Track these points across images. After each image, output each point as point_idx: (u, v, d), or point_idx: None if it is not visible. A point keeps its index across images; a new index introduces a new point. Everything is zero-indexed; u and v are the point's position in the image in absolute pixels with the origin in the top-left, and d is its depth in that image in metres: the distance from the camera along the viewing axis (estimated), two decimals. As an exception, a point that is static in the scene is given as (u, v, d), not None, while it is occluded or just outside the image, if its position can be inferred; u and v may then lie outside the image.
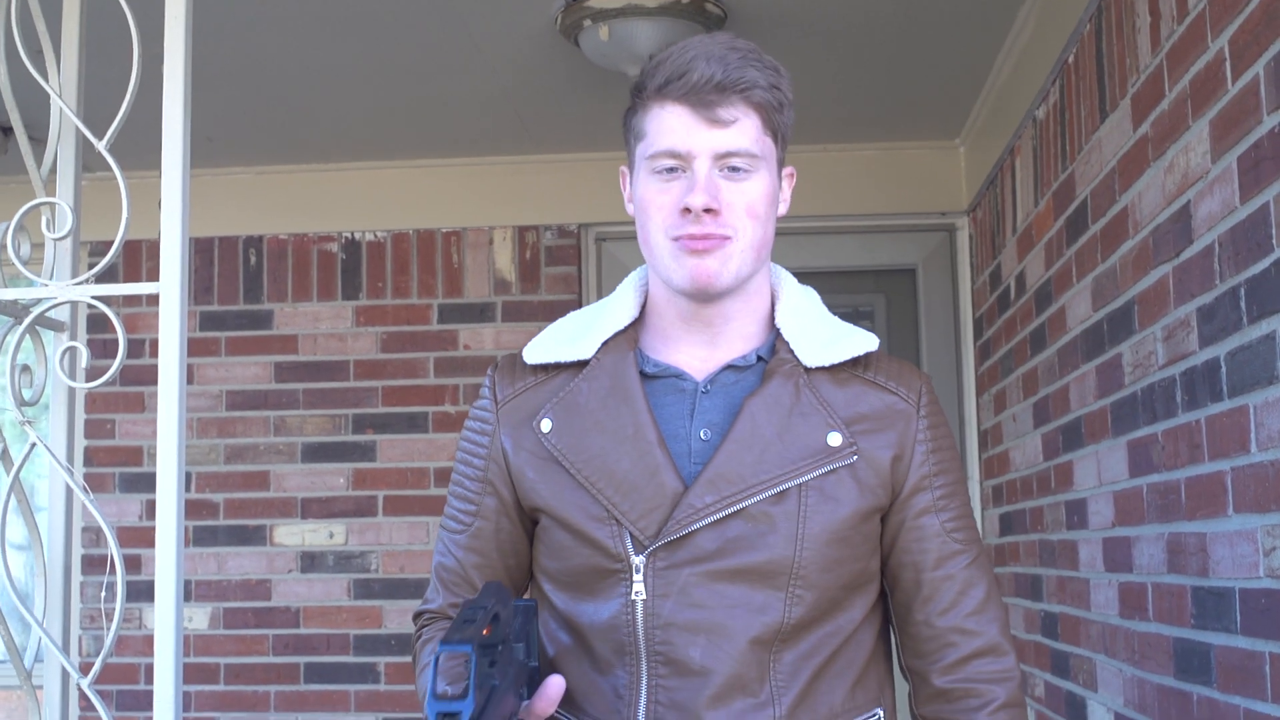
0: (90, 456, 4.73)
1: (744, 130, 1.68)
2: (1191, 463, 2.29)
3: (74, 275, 2.24)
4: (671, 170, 1.69)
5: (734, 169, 1.68)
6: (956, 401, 4.64)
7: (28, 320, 2.17)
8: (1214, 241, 2.18)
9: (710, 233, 1.67)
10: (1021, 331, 3.71)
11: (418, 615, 1.88)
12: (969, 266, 4.63)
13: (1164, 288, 2.44)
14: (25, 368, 2.23)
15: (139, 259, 4.71)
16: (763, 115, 1.70)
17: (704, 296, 1.73)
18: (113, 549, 2.08)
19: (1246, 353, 2.03)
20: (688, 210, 1.67)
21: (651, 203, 1.71)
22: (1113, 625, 2.82)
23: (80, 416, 4.70)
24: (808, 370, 1.74)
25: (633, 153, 1.77)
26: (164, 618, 2.09)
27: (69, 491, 2.30)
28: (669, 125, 1.69)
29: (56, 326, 2.29)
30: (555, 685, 1.61)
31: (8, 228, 2.17)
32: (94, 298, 2.13)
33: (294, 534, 4.66)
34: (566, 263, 4.65)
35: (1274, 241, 1.93)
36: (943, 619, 1.74)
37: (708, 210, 1.66)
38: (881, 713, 1.76)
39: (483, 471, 1.81)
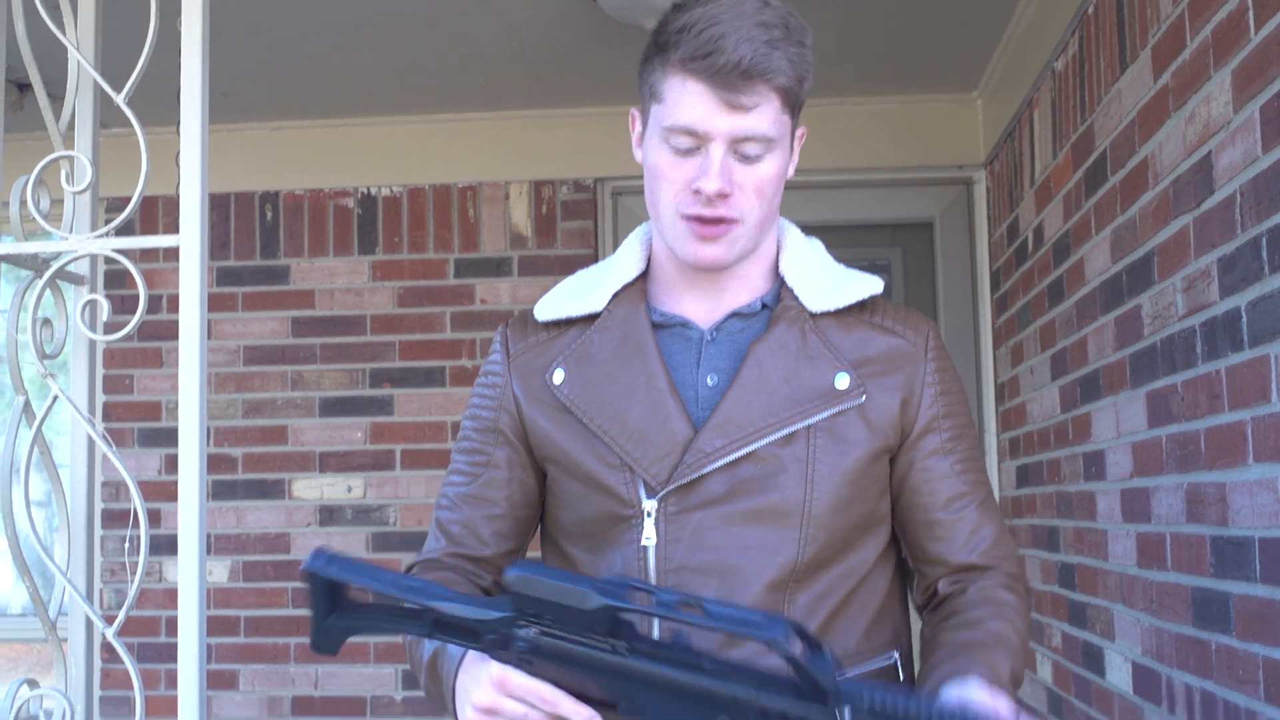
0: (109, 412, 4.75)
1: (763, 114, 1.68)
2: (1211, 413, 2.29)
3: (93, 229, 2.25)
4: (687, 147, 1.69)
5: (748, 154, 1.68)
6: (974, 354, 4.63)
7: (48, 274, 2.17)
8: (1235, 191, 2.17)
9: (720, 215, 1.68)
10: (1039, 284, 3.70)
11: (410, 567, 1.87)
12: (986, 219, 4.62)
13: (1184, 238, 2.43)
14: (46, 321, 2.24)
15: (156, 216, 4.71)
16: (783, 96, 1.70)
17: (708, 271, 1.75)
18: (135, 500, 2.09)
19: (1268, 302, 2.03)
20: (699, 191, 1.67)
21: (664, 175, 1.72)
22: (1130, 575, 2.83)
23: (100, 371, 4.72)
24: (813, 315, 1.76)
25: (647, 106, 1.76)
26: (187, 569, 2.10)
27: (90, 444, 2.31)
28: (689, 103, 1.68)
29: (76, 280, 2.29)
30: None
31: (27, 181, 2.17)
32: (114, 250, 2.13)
33: (312, 488, 4.68)
34: (583, 217, 4.65)
35: (1296, 190, 1.92)
36: (957, 557, 1.76)
37: (720, 195, 1.67)
38: (898, 655, 1.77)
39: (494, 423, 1.82)
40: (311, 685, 4.63)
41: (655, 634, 1.48)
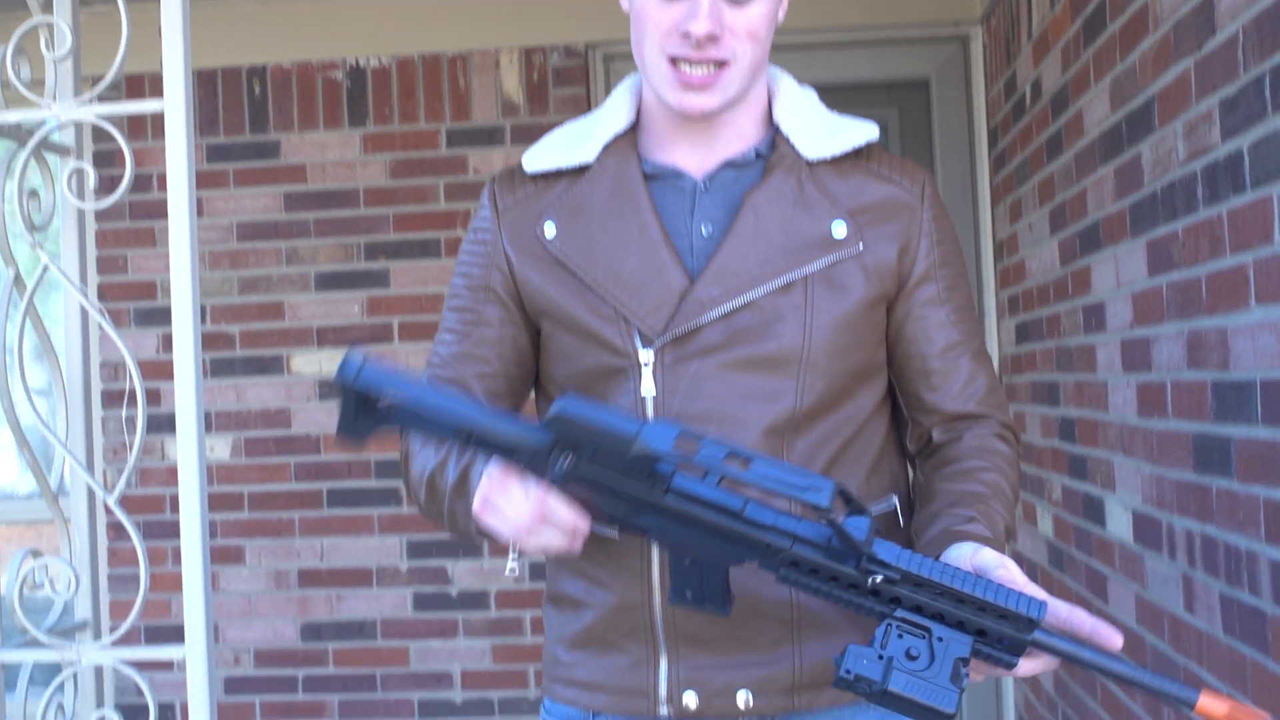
0: (104, 293, 4.73)
1: None
2: (1213, 257, 2.27)
3: (76, 97, 2.21)
4: None
5: None
6: (972, 213, 4.60)
7: (33, 142, 2.14)
8: (1238, 31, 2.13)
9: (709, 57, 1.65)
10: (1038, 138, 3.66)
11: None
12: (983, 76, 4.56)
13: (1185, 82, 2.39)
14: (33, 193, 2.21)
15: (141, 91, 4.65)
16: None
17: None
18: (132, 372, 2.08)
19: (1270, 143, 2.00)
20: (688, 35, 1.64)
21: (649, 19, 1.69)
22: (1131, 425, 2.83)
23: (91, 246, 4.69)
24: (810, 164, 1.74)
25: None
26: (185, 441, 2.10)
27: (84, 318, 2.30)
28: None
29: (62, 150, 2.26)
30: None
31: (6, 49, 2.14)
32: (98, 117, 2.10)
33: (311, 362, 4.68)
34: (575, 83, 4.59)
35: (1300, 25, 1.88)
36: (952, 405, 1.77)
37: (710, 37, 1.64)
38: (897, 498, 1.78)
39: (484, 280, 1.80)
40: (317, 558, 4.67)
41: (696, 480, 1.48)
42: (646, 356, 1.68)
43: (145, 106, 2.10)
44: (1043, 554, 3.84)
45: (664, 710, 1.72)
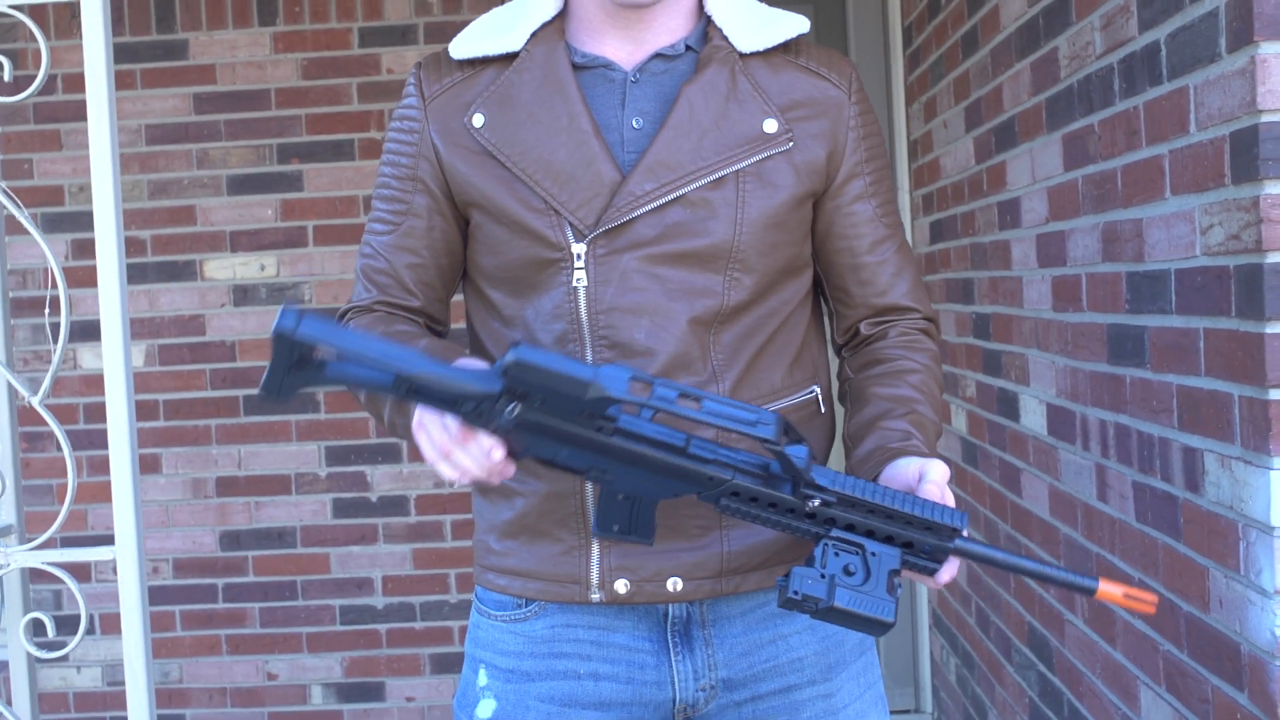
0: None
1: None
2: (1129, 150, 2.30)
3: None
4: None
5: None
6: (886, 112, 4.61)
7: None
8: (1155, -78, 2.15)
9: None
10: (953, 35, 3.67)
11: (344, 314, 1.84)
12: (897, -25, 4.56)
13: (1102, -25, 2.41)
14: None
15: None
16: None
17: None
18: (56, 275, 2.04)
19: (1188, 33, 2.02)
20: None
21: None
22: (1045, 319, 2.87)
23: (-2, 149, 4.59)
24: (743, 56, 1.74)
25: None
26: (112, 353, 2.07)
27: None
28: None
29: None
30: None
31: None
32: (9, 6, 2.05)
33: (225, 268, 4.62)
34: (488, -19, 4.53)
35: (1218, -85, 1.90)
36: (880, 298, 1.82)
37: None
38: (818, 389, 1.81)
39: (412, 170, 1.79)
40: (235, 465, 4.64)
41: (639, 420, 1.52)
42: (579, 249, 1.68)
43: (56, -2, 2.05)
44: (957, 451, 3.91)
45: (595, 596, 1.74)
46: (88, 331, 4.42)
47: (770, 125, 1.72)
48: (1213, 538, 2.01)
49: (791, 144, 1.72)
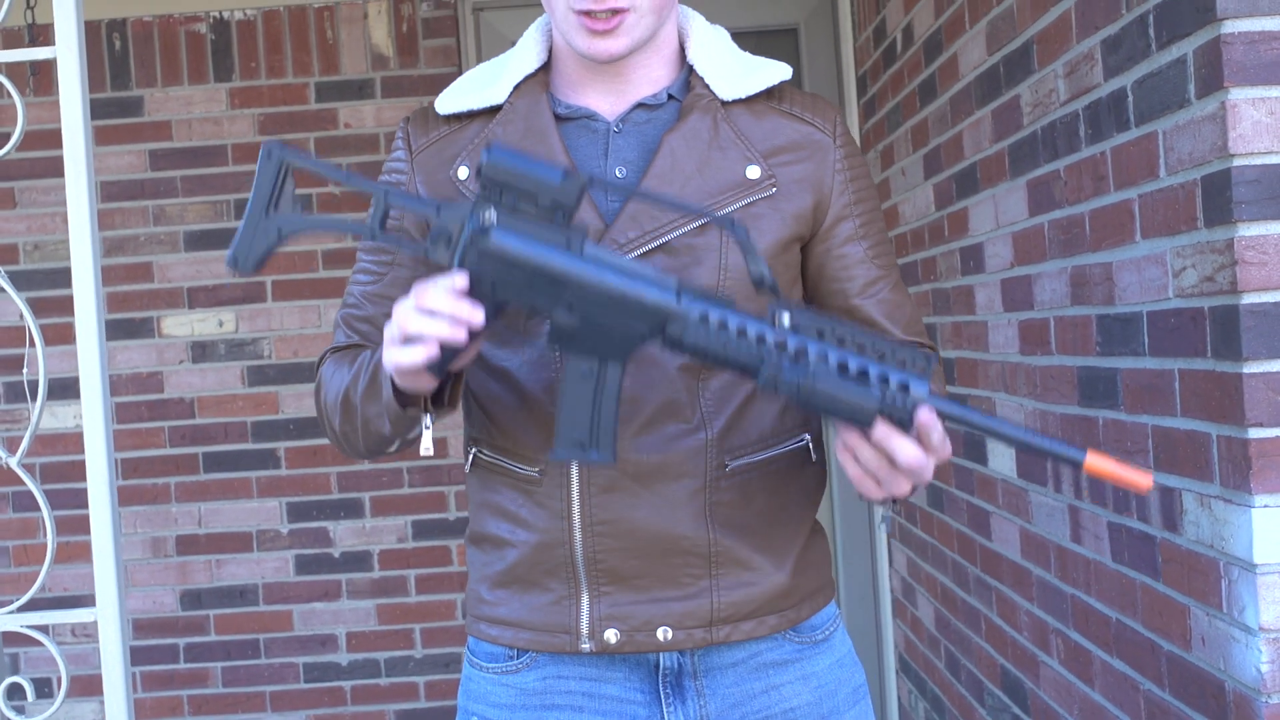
0: (-39, 257, 4.59)
1: None
2: (1097, 194, 2.33)
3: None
4: None
5: None
6: (842, 161, 4.64)
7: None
8: (1118, -29, 2.19)
9: (610, 7, 1.66)
10: (910, 84, 3.71)
11: (321, 359, 1.86)
12: (851, 24, 4.60)
13: (1065, 23, 2.44)
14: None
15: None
16: None
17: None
18: (33, 332, 2.03)
19: (1155, 79, 2.05)
20: None
21: None
22: (1013, 363, 2.90)
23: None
24: (725, 104, 1.76)
25: None
26: (91, 410, 2.06)
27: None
28: None
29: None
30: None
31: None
32: (-19, 68, 2.04)
33: (183, 324, 4.59)
34: (444, 34, 4.53)
35: (1184, -37, 1.94)
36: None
37: None
38: (809, 437, 1.82)
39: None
40: (195, 523, 4.60)
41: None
42: (564, 298, 1.69)
43: (37, 54, 2.04)
44: (921, 496, 3.92)
45: (586, 646, 1.74)
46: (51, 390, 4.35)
47: (753, 171, 1.73)
48: (1193, 576, 2.03)
49: (775, 189, 1.74)
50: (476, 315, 1.51)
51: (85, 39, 4.49)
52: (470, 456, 1.84)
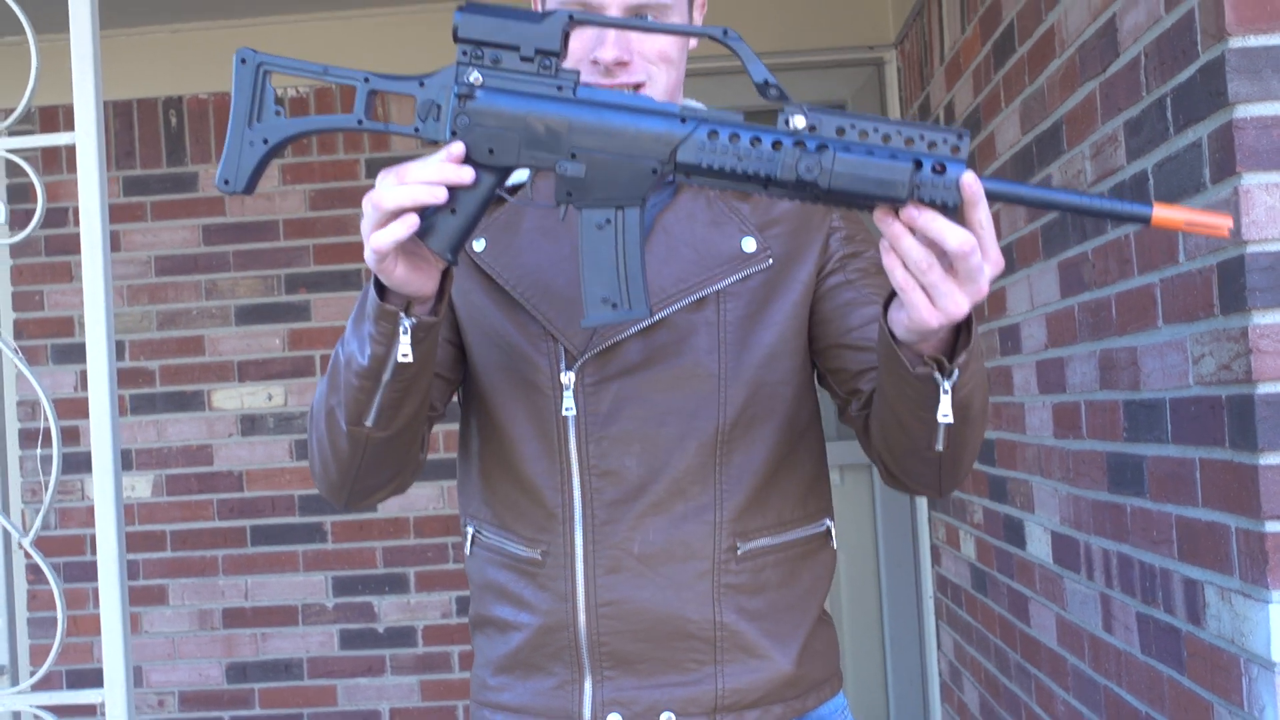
0: (20, 329, 4.66)
1: None
2: (1122, 278, 2.30)
3: (-19, 133, 2.18)
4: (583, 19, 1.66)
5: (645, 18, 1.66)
6: (891, 237, 4.63)
7: (-65, 180, 2.11)
8: (1140, 53, 2.16)
9: (622, 82, 1.66)
10: (953, 162, 3.68)
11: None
12: (898, 100, 4.60)
13: (1091, 104, 2.42)
14: (-62, 230, 2.18)
15: (56, 124, 4.59)
16: None
17: None
18: (47, 410, 2.05)
19: (1173, 163, 2.03)
20: (597, 61, 1.65)
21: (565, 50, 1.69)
22: (1048, 446, 2.85)
23: (6, 282, 4.62)
24: None
25: None
26: (102, 478, 2.07)
27: (-8, 355, 2.26)
28: None
29: (-33, 187, 2.23)
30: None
31: (-92, 85, 2.10)
32: (8, 151, 2.07)
33: (232, 398, 4.63)
34: (494, 112, 4.57)
35: (1199, 47, 1.91)
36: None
37: (618, 63, 1.65)
38: (830, 523, 1.79)
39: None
40: (242, 596, 4.61)
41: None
42: (568, 379, 1.69)
43: (56, 139, 2.08)
44: (966, 577, 3.86)
45: None
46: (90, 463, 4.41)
47: (749, 244, 1.72)
48: (1215, 672, 1.98)
49: (771, 260, 1.73)
50: (463, 173, 1.44)
51: (143, 116, 4.59)
52: (469, 537, 1.83)
